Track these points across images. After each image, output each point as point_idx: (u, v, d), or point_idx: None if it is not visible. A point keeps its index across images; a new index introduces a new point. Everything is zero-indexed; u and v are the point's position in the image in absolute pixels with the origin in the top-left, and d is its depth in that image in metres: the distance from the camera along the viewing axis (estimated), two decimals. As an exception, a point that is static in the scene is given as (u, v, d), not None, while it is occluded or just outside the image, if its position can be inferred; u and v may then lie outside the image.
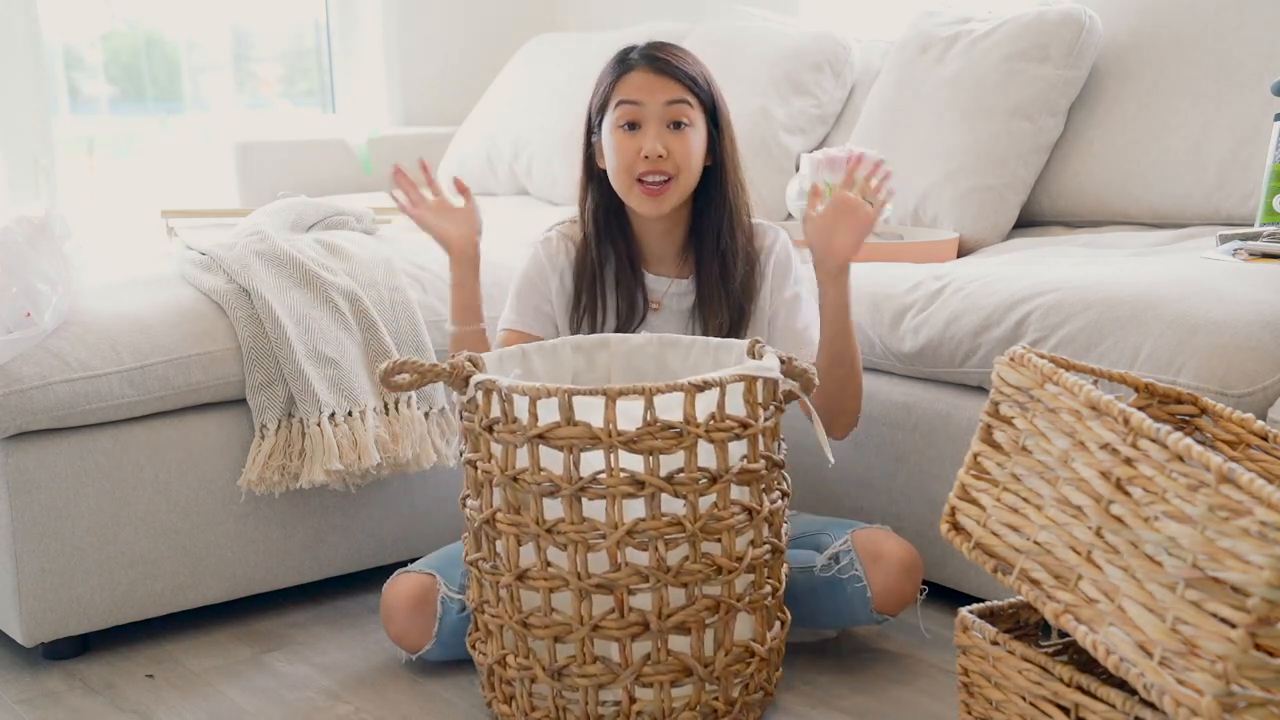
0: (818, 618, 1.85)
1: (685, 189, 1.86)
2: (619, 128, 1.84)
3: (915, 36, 2.74)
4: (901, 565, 1.80)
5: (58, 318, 1.90)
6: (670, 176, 1.83)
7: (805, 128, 2.98)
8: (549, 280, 1.93)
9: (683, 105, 1.83)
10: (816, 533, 1.87)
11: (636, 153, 1.82)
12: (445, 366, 1.63)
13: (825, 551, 1.82)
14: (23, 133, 3.62)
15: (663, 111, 1.83)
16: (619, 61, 1.87)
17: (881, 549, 1.80)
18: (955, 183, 2.52)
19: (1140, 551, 1.22)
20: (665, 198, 1.84)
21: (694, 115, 1.84)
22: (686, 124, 1.84)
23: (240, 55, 4.21)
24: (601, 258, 1.92)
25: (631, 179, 1.84)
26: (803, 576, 1.82)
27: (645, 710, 1.59)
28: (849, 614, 1.82)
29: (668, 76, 1.84)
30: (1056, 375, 1.34)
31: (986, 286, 1.96)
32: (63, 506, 1.89)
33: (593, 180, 1.93)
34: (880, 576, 1.79)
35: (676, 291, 1.93)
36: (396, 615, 1.82)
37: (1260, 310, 1.70)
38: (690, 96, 1.84)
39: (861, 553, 1.81)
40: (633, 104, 1.83)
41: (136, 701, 1.82)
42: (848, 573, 1.80)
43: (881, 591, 1.79)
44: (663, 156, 1.82)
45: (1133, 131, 2.46)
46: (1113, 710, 1.30)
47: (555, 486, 1.54)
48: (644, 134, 1.83)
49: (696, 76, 1.86)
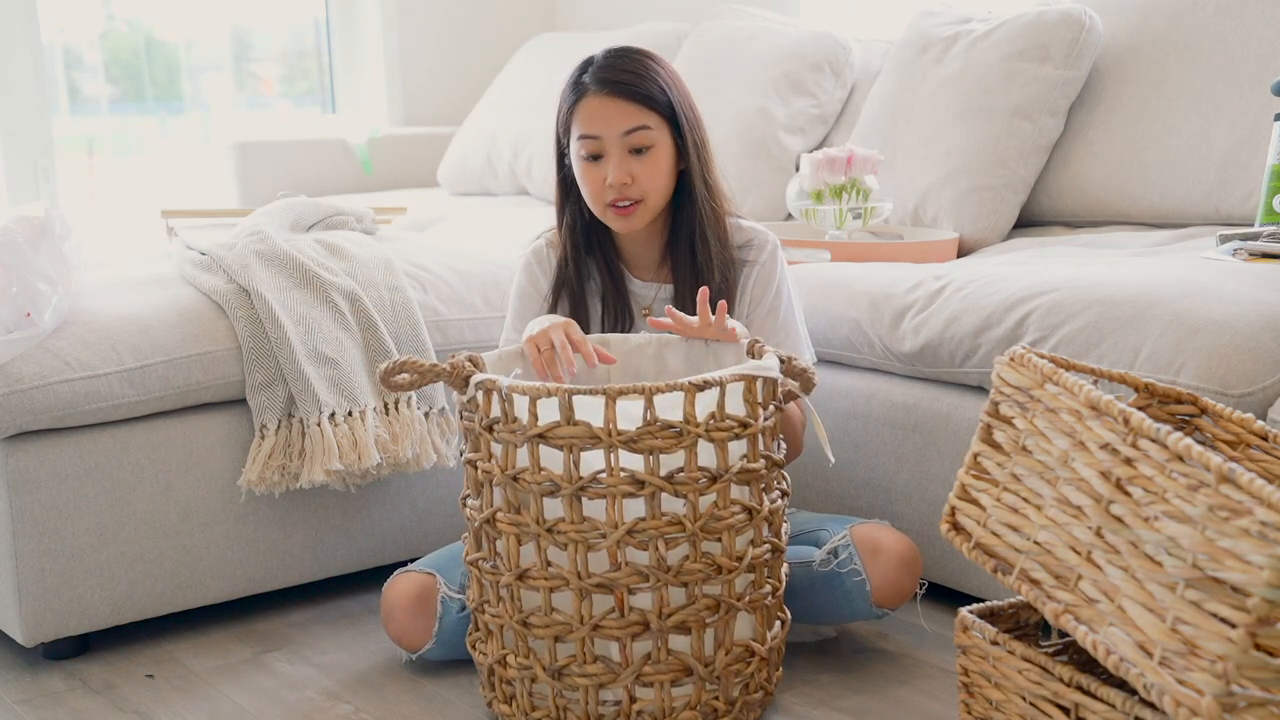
0: (817, 613, 1.85)
1: (655, 208, 1.86)
2: (582, 158, 1.84)
3: (915, 36, 2.74)
4: (900, 559, 1.80)
5: (58, 318, 1.90)
6: (638, 199, 1.83)
7: (805, 128, 2.98)
8: (542, 289, 1.94)
9: (641, 132, 1.81)
10: (815, 529, 1.87)
11: (602, 182, 1.82)
12: (445, 366, 1.63)
13: (824, 546, 1.82)
14: (23, 133, 3.62)
15: (621, 141, 1.81)
16: (574, 85, 1.85)
17: (880, 543, 1.81)
18: (955, 183, 2.52)
19: (1140, 551, 1.22)
20: (635, 217, 1.84)
21: (655, 135, 1.82)
22: (648, 147, 1.82)
23: (240, 55, 4.22)
24: (581, 273, 1.92)
25: (603, 205, 1.85)
26: (802, 572, 1.82)
27: (645, 710, 1.59)
28: (849, 608, 1.82)
29: (623, 99, 1.81)
30: (1056, 375, 1.34)
31: (986, 286, 1.96)
32: (63, 506, 1.89)
33: (569, 198, 1.92)
34: (879, 570, 1.80)
35: (664, 297, 1.93)
36: (397, 614, 1.82)
37: (1260, 310, 1.70)
38: (648, 118, 1.82)
39: (860, 547, 1.81)
40: (591, 138, 1.82)
41: (136, 701, 1.82)
42: (846, 567, 1.80)
43: (881, 585, 1.80)
44: (627, 184, 1.82)
45: (1133, 131, 2.46)
46: (1113, 710, 1.30)
47: (555, 486, 1.54)
48: (607, 164, 1.82)
49: (653, 92, 1.82)
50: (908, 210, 2.60)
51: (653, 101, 1.82)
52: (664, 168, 1.84)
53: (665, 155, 1.84)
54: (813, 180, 2.49)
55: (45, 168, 3.65)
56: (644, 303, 1.94)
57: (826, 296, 2.13)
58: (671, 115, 1.84)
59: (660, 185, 1.84)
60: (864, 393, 2.09)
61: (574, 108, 1.84)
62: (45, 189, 3.65)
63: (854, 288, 2.11)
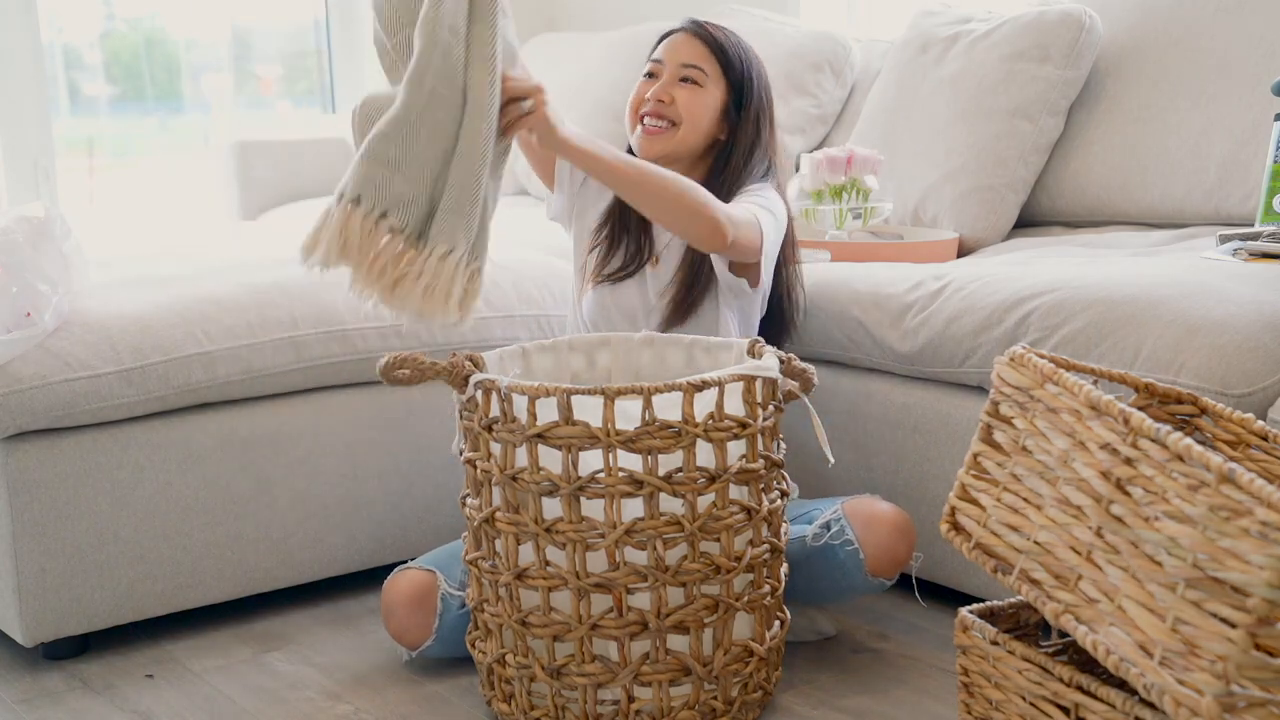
0: (814, 589, 1.84)
1: (682, 141, 1.97)
2: (642, 78, 2.01)
3: (915, 36, 2.74)
4: (894, 526, 1.80)
5: (58, 318, 1.90)
6: (671, 123, 1.95)
7: (805, 128, 2.98)
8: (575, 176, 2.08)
9: (698, 70, 1.97)
10: (807, 511, 1.87)
11: (645, 94, 1.99)
12: (445, 365, 1.63)
13: (816, 521, 1.82)
14: (23, 133, 3.62)
15: (678, 69, 1.98)
16: (668, 31, 2.04)
17: (873, 512, 1.81)
18: (955, 183, 2.52)
19: (1140, 551, 1.22)
20: (657, 140, 1.97)
21: (708, 80, 1.97)
22: (697, 83, 1.96)
23: (240, 55, 4.22)
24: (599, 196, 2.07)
25: (636, 118, 2.00)
26: (796, 548, 1.81)
27: (644, 709, 1.59)
28: (845, 581, 1.81)
29: (699, 40, 1.99)
30: (1056, 375, 1.34)
31: (986, 286, 1.96)
32: (63, 506, 1.89)
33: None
34: (873, 539, 1.79)
35: (676, 246, 1.99)
36: (397, 611, 1.82)
37: (1260, 310, 1.70)
38: (710, 65, 1.98)
39: (853, 518, 1.81)
40: (656, 61, 2.01)
41: (136, 701, 1.82)
42: (840, 538, 1.80)
43: (875, 554, 1.79)
44: (663, 101, 1.96)
45: (1133, 131, 2.46)
46: (1113, 710, 1.30)
47: (554, 486, 1.54)
48: (656, 82, 1.99)
49: (729, 50, 1.98)
50: (908, 210, 2.60)
51: (723, 56, 1.99)
52: (705, 110, 1.97)
53: (712, 100, 1.98)
54: (813, 180, 2.49)
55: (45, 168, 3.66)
56: (657, 248, 2.01)
57: (826, 296, 2.13)
58: (736, 81, 1.98)
59: (695, 119, 1.96)
60: (864, 393, 2.09)
61: (658, 44, 2.03)
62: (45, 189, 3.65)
63: (854, 288, 2.11)
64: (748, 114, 1.99)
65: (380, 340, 2.12)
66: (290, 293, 2.10)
